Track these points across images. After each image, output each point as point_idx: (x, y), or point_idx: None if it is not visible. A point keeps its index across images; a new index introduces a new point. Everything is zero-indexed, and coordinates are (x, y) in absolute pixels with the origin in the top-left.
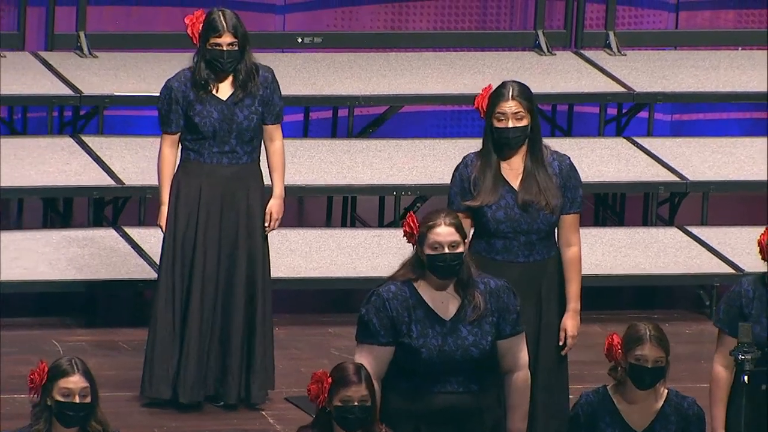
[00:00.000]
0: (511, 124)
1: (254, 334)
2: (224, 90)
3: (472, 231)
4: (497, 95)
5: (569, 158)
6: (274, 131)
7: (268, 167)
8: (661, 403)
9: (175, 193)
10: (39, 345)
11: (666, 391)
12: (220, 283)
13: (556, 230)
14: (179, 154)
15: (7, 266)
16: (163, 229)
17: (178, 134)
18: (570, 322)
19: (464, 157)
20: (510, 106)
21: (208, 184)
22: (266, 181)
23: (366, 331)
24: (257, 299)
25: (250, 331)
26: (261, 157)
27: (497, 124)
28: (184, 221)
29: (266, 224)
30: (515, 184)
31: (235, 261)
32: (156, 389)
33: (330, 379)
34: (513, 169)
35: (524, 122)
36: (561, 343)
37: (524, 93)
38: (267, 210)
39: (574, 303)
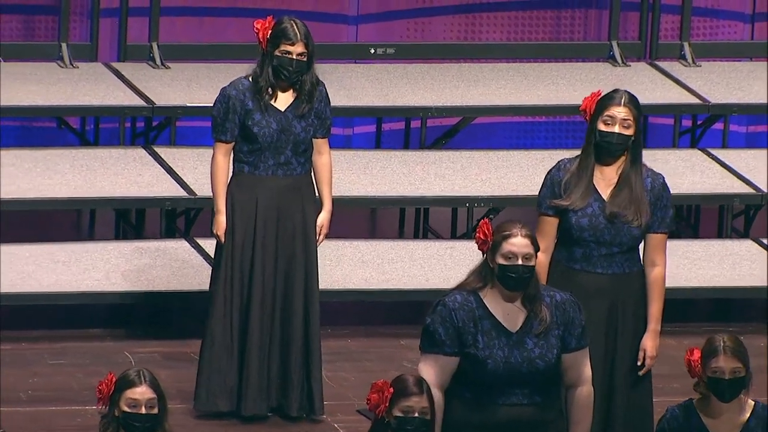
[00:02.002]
0: (617, 130)
1: (311, 345)
2: (283, 100)
3: (554, 241)
4: (609, 98)
5: (663, 177)
6: (323, 145)
7: (316, 180)
8: (746, 415)
9: (231, 206)
10: (111, 356)
11: (753, 403)
12: (278, 294)
13: (641, 247)
14: (231, 166)
15: (79, 277)
16: (221, 239)
17: (233, 143)
18: (650, 343)
19: (558, 162)
20: (620, 111)
21: (263, 196)
22: None
23: (431, 341)
24: (313, 310)
25: (307, 341)
26: None
27: (604, 128)
28: (241, 233)
29: (316, 237)
30: (605, 194)
31: (292, 272)
32: (213, 402)
33: (391, 389)
34: (605, 179)
35: (630, 131)
36: (639, 363)
37: (635, 102)
38: (318, 223)
39: (654, 324)
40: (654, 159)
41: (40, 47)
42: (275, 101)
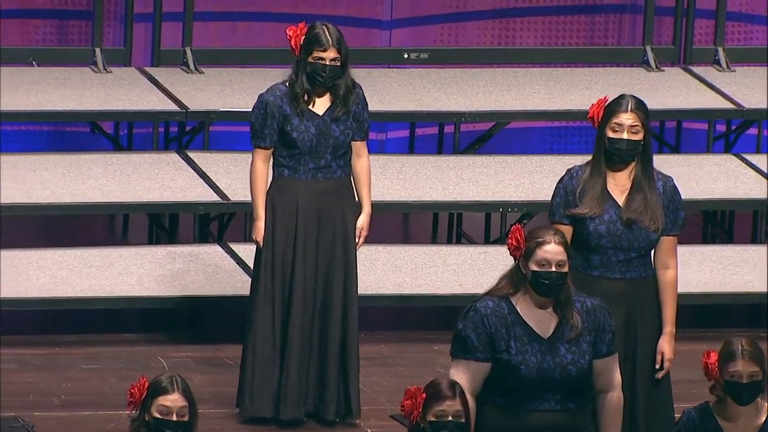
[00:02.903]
0: (626, 136)
1: (349, 349)
2: (320, 105)
3: None
4: (615, 105)
5: (673, 179)
6: (361, 147)
7: (355, 183)
8: (762, 418)
9: (271, 210)
10: (144, 361)
11: None
12: (318, 297)
13: (652, 251)
14: (271, 171)
15: (113, 282)
16: (261, 244)
17: (272, 149)
18: (667, 346)
19: (569, 169)
20: (628, 117)
21: (304, 199)
22: None
23: (463, 347)
24: (352, 314)
25: (345, 345)
26: None
27: (612, 135)
28: (282, 237)
29: (356, 240)
30: (620, 200)
31: (332, 276)
32: (257, 407)
33: (424, 395)
34: (618, 185)
35: (639, 136)
36: (657, 366)
37: (642, 107)
38: (358, 226)
39: (670, 326)
40: (688, 164)
41: (74, 52)
42: (313, 106)
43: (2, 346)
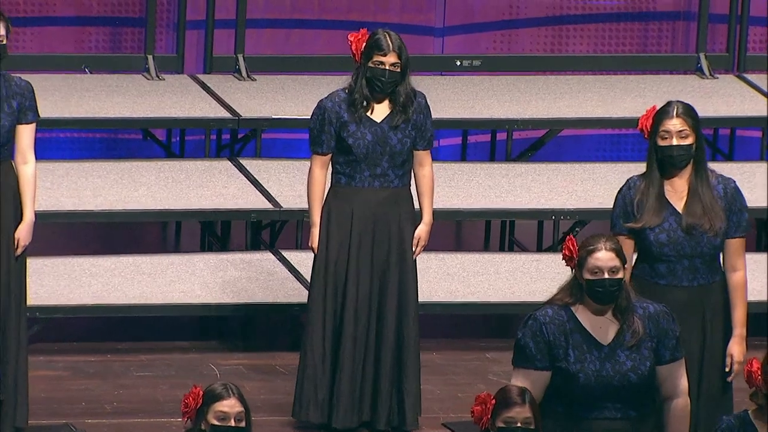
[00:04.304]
0: (675, 142)
1: (405, 358)
2: (379, 112)
3: (635, 255)
4: (662, 113)
5: (734, 181)
6: (424, 157)
7: (417, 193)
8: None
9: (327, 216)
10: (196, 368)
11: None
12: (373, 306)
13: (721, 255)
14: (329, 177)
15: (165, 289)
16: (316, 251)
17: (329, 155)
18: (737, 348)
19: (628, 180)
20: (674, 123)
21: (360, 207)
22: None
23: (522, 356)
24: (408, 323)
25: (401, 355)
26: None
27: (661, 143)
28: (336, 245)
29: (413, 249)
30: (679, 206)
31: (386, 285)
32: (306, 413)
33: (494, 401)
34: (677, 192)
35: (688, 140)
36: (727, 370)
37: (689, 112)
38: (415, 235)
39: (740, 328)
40: (742, 171)
41: (127, 59)
42: (371, 113)
43: (55, 353)
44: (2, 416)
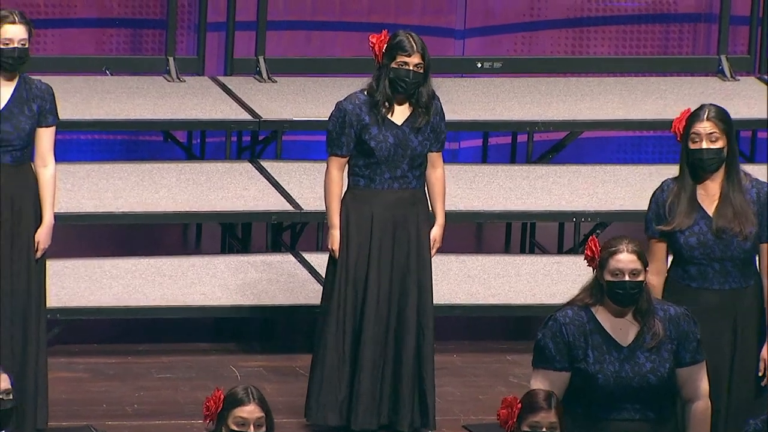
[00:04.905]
0: (705, 145)
1: (424, 360)
2: (399, 114)
3: (670, 258)
4: (694, 116)
5: None
6: (437, 158)
7: (430, 194)
8: None
9: (345, 219)
10: (217, 370)
11: None
12: (393, 308)
13: (756, 259)
14: (346, 179)
15: (186, 291)
16: (336, 254)
17: (347, 157)
18: None
19: (662, 182)
20: (705, 126)
21: (379, 209)
22: None
23: (542, 356)
24: (427, 324)
25: (420, 357)
26: None
27: (692, 146)
28: (356, 247)
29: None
30: (710, 210)
31: (406, 287)
32: (323, 416)
33: (519, 405)
34: (708, 195)
35: (719, 144)
36: (761, 374)
37: (720, 115)
38: (431, 237)
39: None
40: (762, 174)
41: (147, 61)
42: (392, 115)
43: (76, 354)
44: (22, 418)
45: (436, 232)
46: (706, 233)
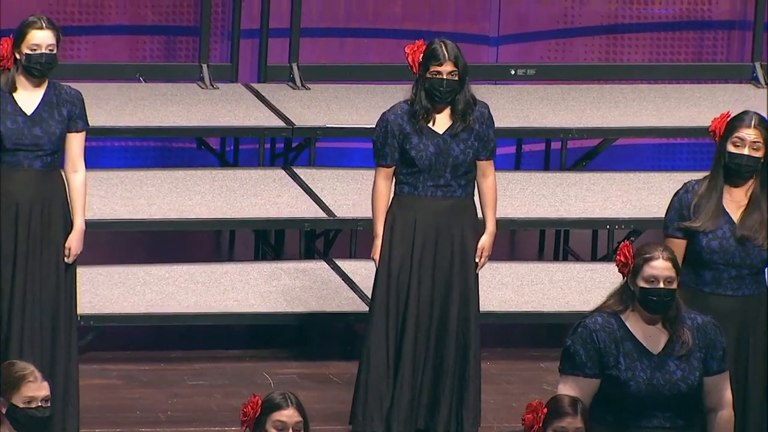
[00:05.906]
0: (747, 152)
1: (466, 368)
2: (440, 123)
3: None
4: (738, 120)
5: None
6: (487, 167)
7: (481, 203)
8: None
9: (390, 226)
10: (250, 377)
11: None
12: (434, 316)
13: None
14: (393, 187)
15: (219, 298)
16: (377, 263)
17: (393, 167)
18: None
19: (685, 183)
20: (750, 133)
21: (423, 217)
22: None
23: (571, 363)
24: (470, 333)
25: (462, 364)
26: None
27: (733, 149)
28: (399, 255)
29: (477, 260)
30: (735, 216)
31: (448, 295)
32: (369, 424)
33: (545, 410)
34: (734, 201)
35: (759, 153)
36: None
37: (765, 124)
38: (479, 245)
39: None
40: None
41: (181, 68)
42: (433, 124)
43: (109, 361)
44: (51, 426)
45: (485, 240)
46: (729, 238)
